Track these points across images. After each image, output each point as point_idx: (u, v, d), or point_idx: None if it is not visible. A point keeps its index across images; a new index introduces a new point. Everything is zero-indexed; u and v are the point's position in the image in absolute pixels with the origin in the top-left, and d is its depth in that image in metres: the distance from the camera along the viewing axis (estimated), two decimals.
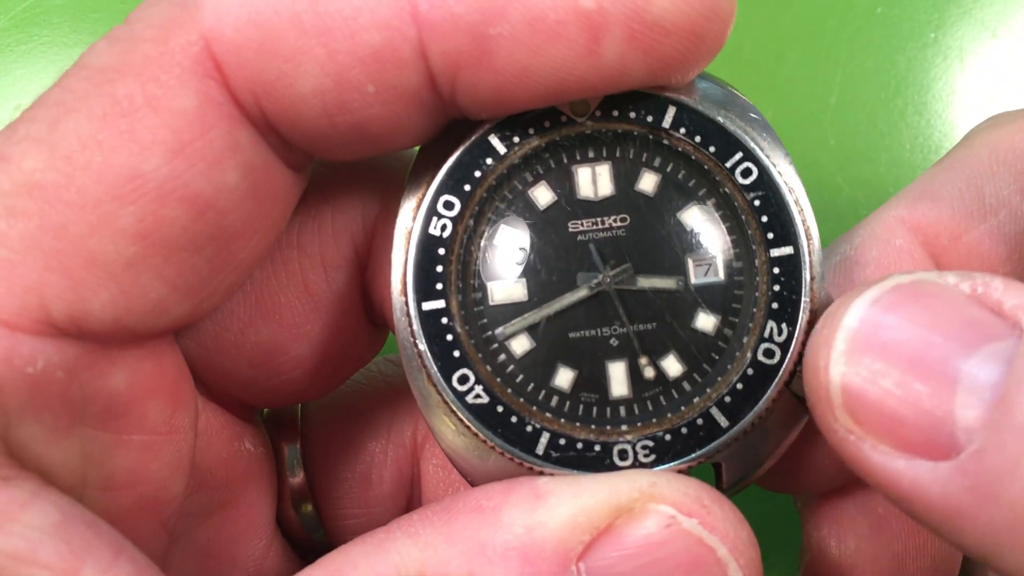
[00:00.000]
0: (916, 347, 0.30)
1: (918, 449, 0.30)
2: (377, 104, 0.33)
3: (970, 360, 0.30)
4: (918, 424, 0.30)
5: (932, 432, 0.30)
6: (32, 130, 0.33)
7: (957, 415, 0.29)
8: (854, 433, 0.31)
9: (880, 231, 0.41)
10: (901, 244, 0.41)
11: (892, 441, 0.30)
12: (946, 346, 0.30)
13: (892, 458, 0.30)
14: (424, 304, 0.36)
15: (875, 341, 0.31)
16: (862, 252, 0.41)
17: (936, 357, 0.30)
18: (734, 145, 0.36)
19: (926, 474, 0.29)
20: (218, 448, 0.42)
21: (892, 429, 0.30)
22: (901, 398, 0.30)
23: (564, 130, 0.37)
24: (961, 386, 0.29)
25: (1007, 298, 0.31)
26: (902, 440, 0.30)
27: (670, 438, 0.36)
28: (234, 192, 0.34)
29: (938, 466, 0.29)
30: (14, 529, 0.30)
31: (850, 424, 0.31)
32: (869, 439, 0.31)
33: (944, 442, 0.29)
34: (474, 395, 0.36)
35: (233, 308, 0.40)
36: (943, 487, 0.29)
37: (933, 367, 0.30)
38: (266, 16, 0.32)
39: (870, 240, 0.41)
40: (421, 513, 0.34)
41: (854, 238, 0.42)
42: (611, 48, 0.32)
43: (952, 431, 0.29)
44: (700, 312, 0.37)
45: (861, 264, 0.40)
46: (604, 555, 0.32)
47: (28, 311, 0.32)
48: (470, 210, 0.37)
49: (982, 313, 0.31)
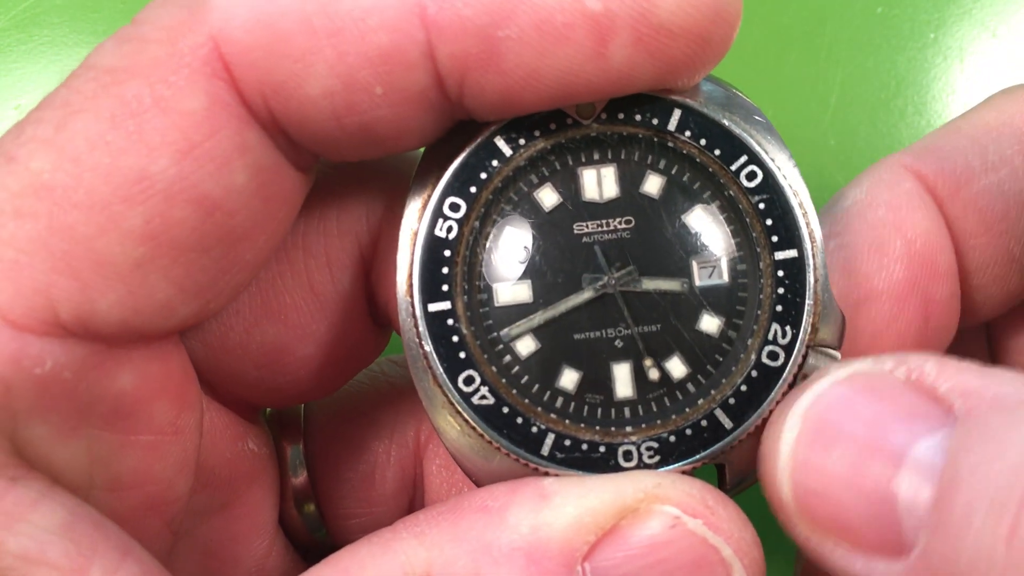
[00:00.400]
0: (856, 453, 0.31)
1: (873, 549, 0.30)
2: (385, 105, 0.33)
3: (907, 459, 0.30)
4: (867, 523, 0.30)
5: (883, 532, 0.30)
6: (39, 131, 0.33)
7: (901, 516, 0.30)
8: (813, 537, 0.32)
9: (887, 175, 0.42)
10: (909, 187, 0.42)
11: (848, 543, 0.31)
12: (886, 445, 0.31)
13: (851, 559, 0.31)
14: (430, 305, 0.36)
15: (818, 445, 0.32)
16: (874, 195, 0.42)
17: (875, 463, 0.30)
18: (739, 148, 0.37)
19: (883, 573, 0.30)
20: (222, 448, 0.42)
21: (846, 532, 0.31)
22: (850, 504, 0.31)
23: (570, 132, 0.37)
24: (902, 487, 0.30)
25: (940, 381, 0.31)
26: (856, 541, 0.31)
27: (674, 439, 0.36)
28: (242, 193, 0.34)
29: (892, 566, 0.30)
30: (22, 529, 0.30)
31: (808, 529, 0.32)
32: (828, 541, 0.32)
33: (894, 541, 0.30)
34: (479, 396, 0.36)
35: (239, 308, 0.40)
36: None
37: (876, 470, 0.30)
38: (275, 17, 0.32)
39: (879, 184, 0.42)
40: (427, 513, 0.34)
41: (862, 182, 0.42)
42: (618, 51, 0.32)
43: (899, 531, 0.30)
44: (704, 314, 0.37)
45: (874, 206, 0.41)
46: (609, 555, 0.32)
47: (36, 312, 0.32)
48: (476, 212, 0.37)
49: (918, 400, 0.31)
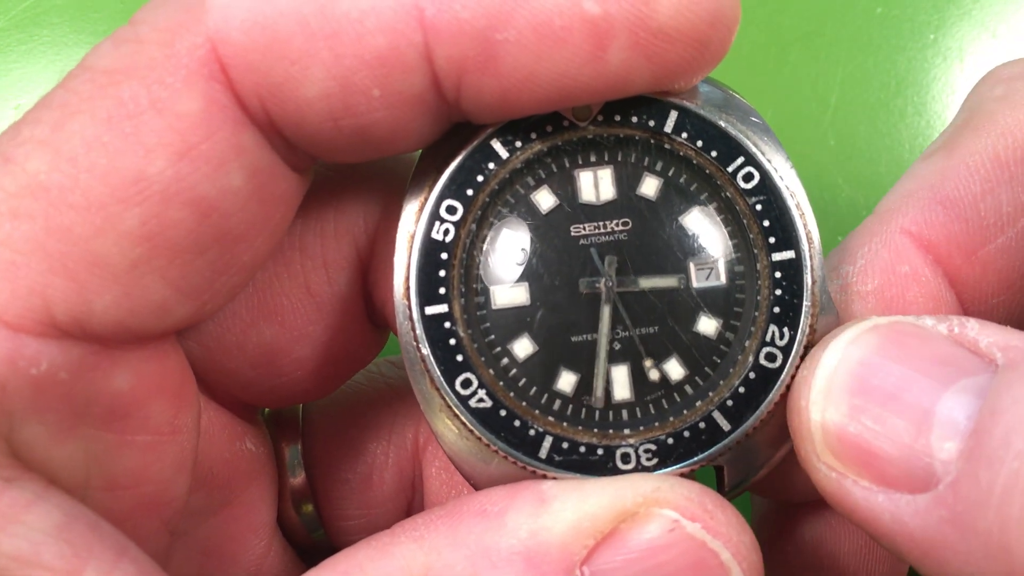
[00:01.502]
0: (893, 384, 0.31)
1: (897, 483, 0.30)
2: (382, 108, 0.33)
3: (945, 395, 0.30)
4: (896, 458, 0.30)
5: (910, 466, 0.30)
6: (36, 132, 0.33)
7: (934, 448, 0.30)
8: (835, 470, 0.32)
9: (885, 252, 0.39)
10: (907, 271, 0.38)
11: (871, 476, 0.31)
12: (922, 382, 0.31)
13: (872, 493, 0.31)
14: (427, 308, 0.36)
15: (854, 380, 0.32)
16: (864, 279, 0.39)
17: (913, 393, 0.30)
18: (736, 149, 0.36)
19: (905, 507, 0.30)
20: (220, 448, 0.42)
21: (871, 464, 0.31)
22: (879, 434, 0.31)
23: (566, 135, 0.37)
24: (937, 420, 0.30)
25: (982, 336, 0.31)
26: (881, 474, 0.31)
27: (672, 441, 0.36)
28: (238, 195, 0.34)
29: (917, 499, 0.30)
30: (17, 531, 0.30)
31: (831, 461, 0.32)
32: (850, 475, 0.31)
33: (922, 475, 0.30)
34: (477, 399, 0.36)
35: (236, 309, 0.40)
36: (922, 520, 0.30)
37: (910, 403, 0.30)
38: (273, 19, 0.32)
39: (873, 263, 0.39)
40: (425, 517, 0.34)
41: (856, 258, 0.39)
42: (616, 54, 0.32)
43: (929, 464, 0.30)
44: (702, 316, 0.37)
45: (863, 296, 0.38)
46: (608, 559, 0.32)
47: (32, 313, 0.32)
48: (472, 214, 0.37)
49: (957, 351, 0.31)
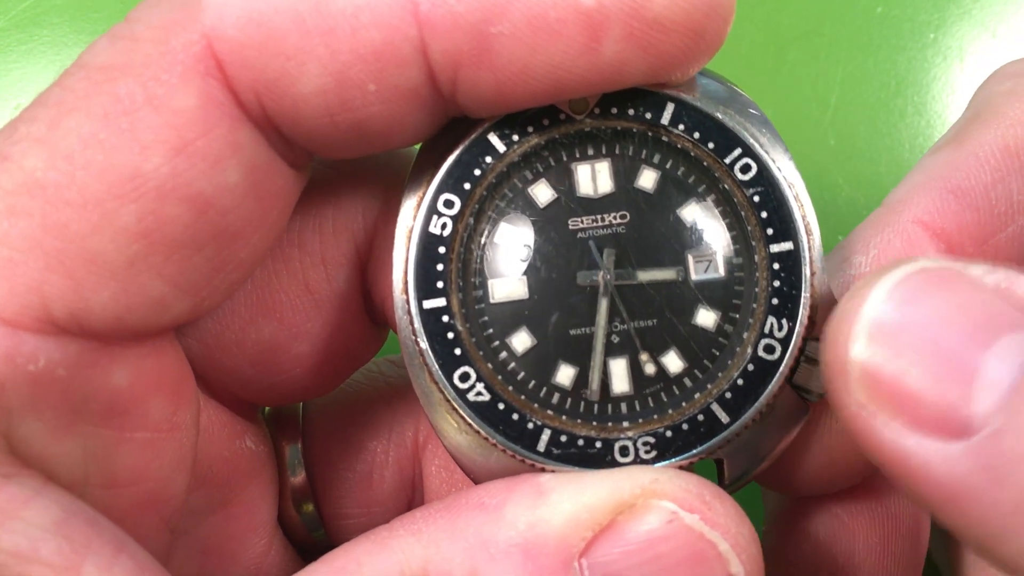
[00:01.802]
0: (938, 331, 0.30)
1: (931, 428, 0.30)
2: (378, 103, 0.33)
3: (991, 349, 0.29)
4: (934, 403, 0.30)
5: (947, 412, 0.29)
6: (33, 129, 0.33)
7: (974, 399, 0.29)
8: (867, 408, 0.31)
9: (898, 242, 0.39)
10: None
11: (906, 417, 0.30)
12: (969, 332, 0.30)
13: (903, 435, 0.30)
14: (425, 302, 0.36)
15: (898, 321, 0.31)
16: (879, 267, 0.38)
17: (958, 342, 0.30)
18: (733, 141, 0.36)
19: (935, 453, 0.29)
20: (219, 445, 0.42)
21: (907, 405, 0.30)
22: (919, 377, 0.30)
23: (563, 128, 0.37)
24: (980, 373, 0.29)
25: None
26: (916, 418, 0.30)
27: (671, 434, 0.36)
28: (235, 191, 0.34)
29: (949, 446, 0.29)
30: (15, 527, 0.30)
31: (865, 398, 0.31)
32: (882, 415, 0.30)
33: (958, 423, 0.29)
34: (475, 392, 0.36)
35: (234, 306, 0.40)
36: (952, 467, 0.29)
37: (954, 351, 0.30)
38: (268, 15, 0.32)
39: (886, 254, 0.39)
40: (424, 511, 0.34)
41: (869, 248, 0.39)
42: (611, 46, 0.32)
43: (968, 414, 0.29)
44: (700, 308, 0.37)
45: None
46: (606, 551, 0.32)
47: (29, 309, 0.32)
48: (470, 208, 0.37)
49: (1004, 306, 0.30)
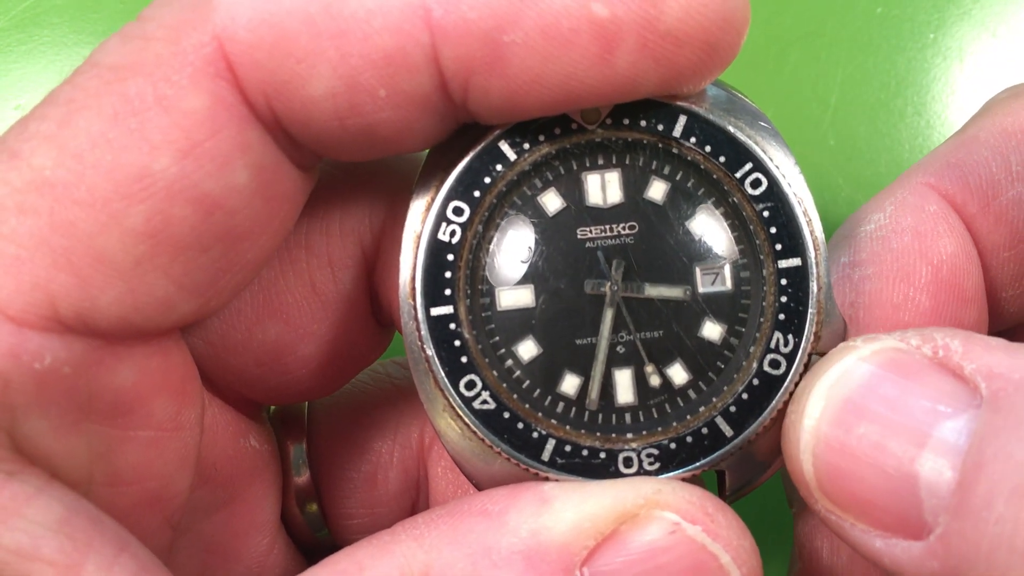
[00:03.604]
0: (879, 434, 0.31)
1: (892, 529, 0.31)
2: (388, 108, 0.33)
3: (932, 438, 0.30)
4: (888, 505, 0.31)
5: (902, 514, 0.30)
6: (42, 127, 0.33)
7: (922, 497, 0.30)
8: (833, 513, 0.32)
9: (912, 198, 0.41)
10: (935, 210, 0.41)
11: (867, 521, 0.31)
12: (907, 431, 0.31)
13: (871, 537, 0.31)
14: (432, 309, 0.36)
15: (841, 423, 0.32)
16: (898, 219, 0.41)
17: (898, 444, 0.31)
18: (744, 155, 0.36)
19: (901, 554, 0.30)
20: (223, 444, 0.42)
21: (865, 510, 0.31)
22: (871, 487, 0.31)
23: (574, 137, 0.37)
24: (923, 471, 0.30)
25: (966, 361, 0.31)
26: (876, 520, 0.31)
27: (675, 446, 0.36)
28: (243, 192, 0.34)
29: (912, 546, 0.30)
30: (17, 524, 0.30)
31: (829, 505, 0.32)
32: (848, 518, 0.32)
33: (915, 522, 0.30)
34: (481, 400, 0.36)
35: (240, 306, 0.40)
36: (918, 568, 0.30)
37: (897, 447, 0.31)
38: (279, 18, 0.32)
39: (903, 207, 0.41)
40: (426, 516, 0.34)
41: (885, 206, 0.41)
42: (624, 57, 0.32)
43: (919, 512, 0.30)
44: (707, 321, 0.37)
45: (899, 232, 0.40)
46: (608, 560, 0.32)
47: (36, 307, 0.32)
48: (479, 216, 0.37)
49: (942, 381, 0.31)
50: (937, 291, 0.40)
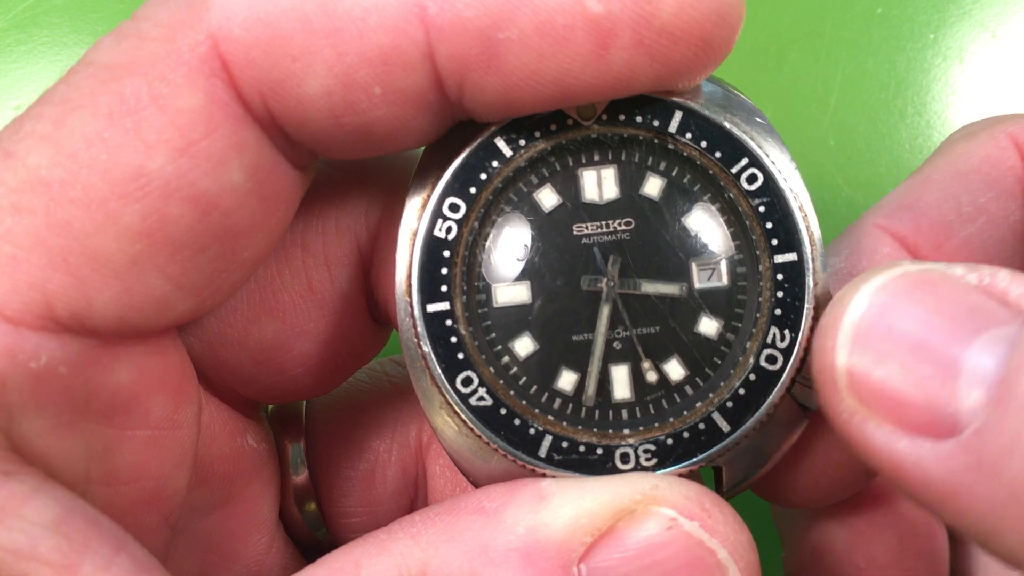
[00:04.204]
0: (921, 331, 0.31)
1: (921, 429, 0.30)
2: (384, 106, 0.33)
3: (973, 344, 0.30)
4: (922, 404, 0.30)
5: (935, 412, 0.30)
6: (38, 127, 0.33)
7: (960, 396, 0.29)
8: (859, 413, 0.31)
9: (865, 242, 0.41)
10: (888, 252, 0.41)
11: (896, 420, 0.30)
12: (950, 331, 0.30)
13: (896, 438, 0.30)
14: (428, 306, 0.36)
15: (881, 325, 0.31)
16: (853, 264, 0.41)
17: (940, 341, 0.30)
18: (740, 151, 0.36)
19: (928, 453, 0.30)
20: (221, 443, 0.42)
21: (896, 409, 0.30)
22: (905, 379, 0.30)
23: (570, 133, 0.37)
24: (964, 368, 0.30)
25: (1013, 288, 0.31)
26: (905, 420, 0.30)
27: (672, 442, 0.36)
28: (239, 191, 0.34)
29: (940, 445, 0.30)
30: (14, 524, 0.30)
31: (855, 404, 0.31)
32: (873, 419, 0.31)
33: (947, 422, 0.30)
34: (477, 397, 0.36)
35: (237, 305, 0.40)
36: (945, 465, 0.29)
37: (937, 350, 0.30)
38: (275, 16, 0.32)
39: (857, 252, 0.41)
40: (423, 514, 0.34)
41: (841, 250, 0.42)
42: (619, 53, 0.32)
43: (955, 411, 0.29)
44: (703, 316, 0.37)
45: (854, 275, 0.40)
46: (605, 556, 0.32)
47: (32, 307, 0.32)
48: (475, 212, 0.37)
49: (986, 301, 0.31)
50: None
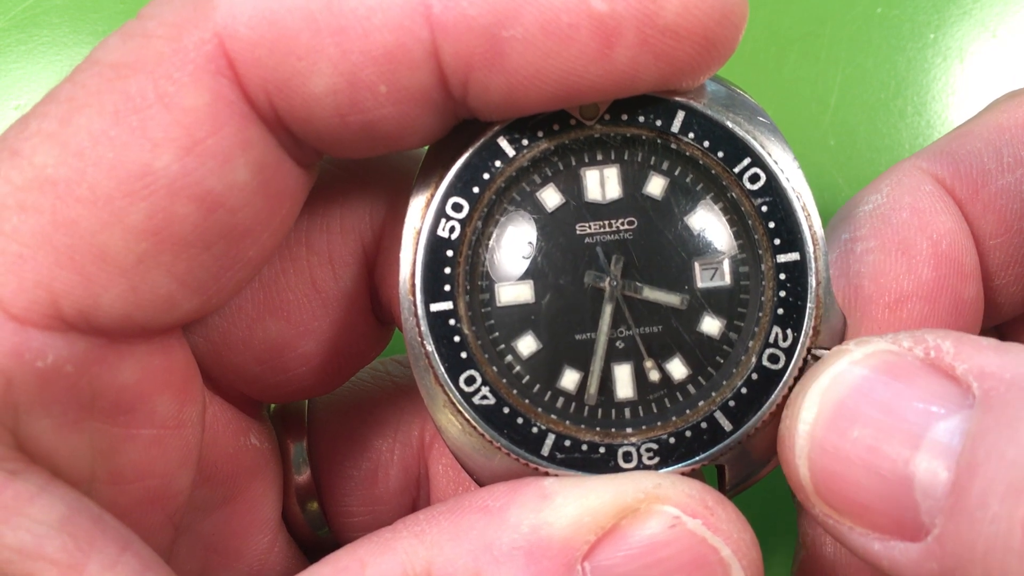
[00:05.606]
0: (872, 436, 0.31)
1: (889, 531, 0.31)
2: (389, 104, 0.33)
3: (923, 445, 0.30)
4: (884, 511, 0.31)
5: (898, 518, 0.30)
6: (44, 125, 0.33)
7: (918, 499, 0.30)
8: (831, 517, 0.32)
9: (908, 179, 0.42)
10: (930, 189, 0.41)
11: (866, 524, 0.31)
12: (900, 433, 0.31)
13: (869, 540, 0.31)
14: (432, 305, 0.36)
15: (835, 427, 0.32)
16: (896, 198, 0.41)
17: (891, 447, 0.31)
18: (742, 150, 0.36)
19: (900, 556, 0.30)
20: (224, 442, 0.42)
21: (863, 514, 0.31)
22: (866, 487, 0.31)
23: (573, 133, 0.37)
24: (916, 475, 0.30)
25: (958, 362, 0.31)
26: (874, 524, 0.31)
27: (674, 441, 0.36)
28: (244, 190, 0.34)
29: (910, 548, 0.30)
30: (20, 523, 0.30)
31: (826, 509, 0.32)
32: (846, 522, 0.32)
33: (911, 524, 0.30)
34: (480, 396, 0.36)
35: (241, 304, 0.40)
36: (916, 569, 0.30)
37: (889, 455, 0.31)
38: (280, 15, 0.32)
39: (899, 187, 0.42)
40: (427, 513, 0.34)
41: (881, 187, 0.42)
42: (623, 52, 0.32)
43: (916, 514, 0.30)
44: (706, 316, 0.37)
45: (897, 209, 0.41)
46: (609, 555, 0.32)
47: (38, 306, 0.32)
48: (478, 212, 0.37)
49: (935, 382, 0.31)
50: (938, 263, 0.40)
